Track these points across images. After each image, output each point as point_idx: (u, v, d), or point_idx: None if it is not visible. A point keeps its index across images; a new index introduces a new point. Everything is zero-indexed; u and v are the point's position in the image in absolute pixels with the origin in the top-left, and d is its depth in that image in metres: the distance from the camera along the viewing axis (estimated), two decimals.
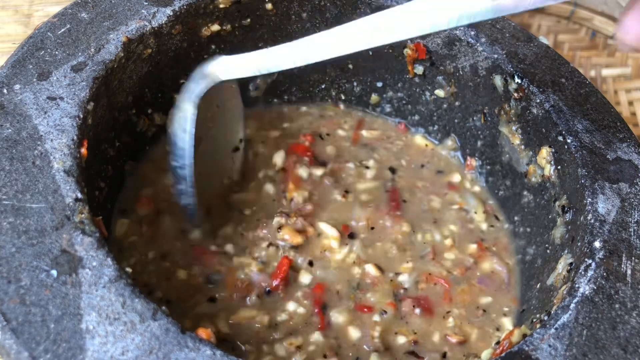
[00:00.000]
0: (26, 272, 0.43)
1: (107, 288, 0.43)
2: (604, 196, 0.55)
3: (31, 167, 0.49)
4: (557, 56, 0.67)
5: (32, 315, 0.42)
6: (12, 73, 0.54)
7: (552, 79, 0.64)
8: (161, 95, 0.66)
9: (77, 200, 0.47)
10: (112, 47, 0.58)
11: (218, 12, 0.66)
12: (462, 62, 0.67)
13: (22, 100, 0.52)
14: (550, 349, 0.46)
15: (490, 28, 0.68)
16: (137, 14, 0.61)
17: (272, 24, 0.69)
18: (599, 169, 0.57)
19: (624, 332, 0.47)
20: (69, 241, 0.45)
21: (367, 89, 0.75)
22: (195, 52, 0.67)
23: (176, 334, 0.42)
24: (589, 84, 0.64)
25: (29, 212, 0.46)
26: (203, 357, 0.42)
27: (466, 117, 0.70)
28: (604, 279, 0.50)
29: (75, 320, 0.42)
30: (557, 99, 0.62)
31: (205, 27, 0.66)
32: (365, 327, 0.57)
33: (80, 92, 0.54)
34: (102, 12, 0.60)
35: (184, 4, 0.63)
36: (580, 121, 0.60)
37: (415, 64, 0.70)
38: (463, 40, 0.66)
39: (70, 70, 0.55)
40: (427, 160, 0.72)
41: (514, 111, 0.65)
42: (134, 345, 0.42)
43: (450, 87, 0.70)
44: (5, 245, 0.44)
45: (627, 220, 0.54)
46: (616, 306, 0.49)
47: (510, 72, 0.64)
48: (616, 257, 0.51)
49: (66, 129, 0.51)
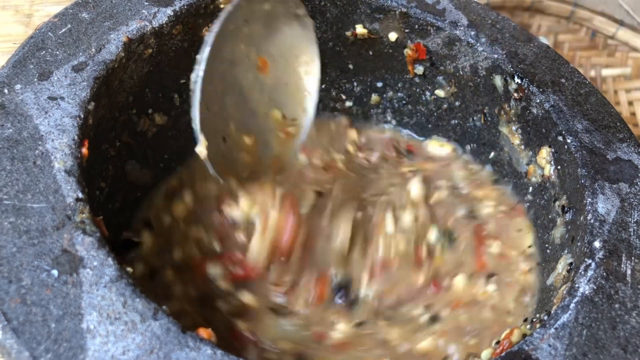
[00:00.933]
0: (27, 271, 0.43)
1: (108, 288, 0.43)
2: (603, 196, 0.55)
3: (32, 167, 0.49)
4: (557, 56, 0.67)
5: (33, 315, 0.42)
6: (12, 73, 0.54)
7: (552, 79, 0.64)
8: (162, 95, 0.66)
9: (78, 200, 0.47)
10: (112, 47, 0.58)
11: (219, 12, 0.66)
12: (462, 62, 0.67)
13: (23, 100, 0.52)
14: (550, 348, 0.46)
15: (490, 28, 0.68)
16: (137, 14, 0.61)
17: None
18: (599, 169, 0.57)
19: (623, 332, 0.47)
20: (69, 241, 0.45)
21: (367, 89, 0.75)
22: (196, 52, 0.66)
23: (177, 334, 0.42)
24: (589, 84, 0.65)
25: (30, 212, 0.46)
26: (204, 356, 0.42)
27: (466, 117, 0.70)
28: (604, 279, 0.50)
29: (76, 319, 0.42)
30: (557, 99, 0.62)
31: (206, 27, 0.66)
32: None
33: (81, 92, 0.54)
34: (102, 12, 0.60)
35: (185, 4, 0.63)
36: (580, 121, 0.61)
37: (415, 64, 0.70)
38: (463, 40, 0.66)
39: (71, 70, 0.55)
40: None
41: (514, 111, 0.65)
42: (134, 344, 0.42)
43: (450, 87, 0.70)
44: (6, 245, 0.44)
45: (627, 220, 0.54)
46: (616, 306, 0.49)
47: (510, 72, 0.64)
48: (616, 257, 0.51)
49: (67, 128, 0.51)
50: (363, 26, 0.69)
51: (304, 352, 0.54)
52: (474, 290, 0.60)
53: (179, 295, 0.58)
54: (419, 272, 0.60)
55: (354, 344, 0.55)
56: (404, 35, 0.69)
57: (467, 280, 0.60)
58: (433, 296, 0.59)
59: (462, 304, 0.58)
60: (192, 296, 0.57)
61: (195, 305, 0.57)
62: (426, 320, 0.57)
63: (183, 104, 0.69)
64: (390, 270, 0.59)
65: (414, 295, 0.59)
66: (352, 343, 0.55)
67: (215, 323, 0.55)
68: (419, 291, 0.59)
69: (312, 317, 0.57)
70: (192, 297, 0.57)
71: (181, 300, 0.57)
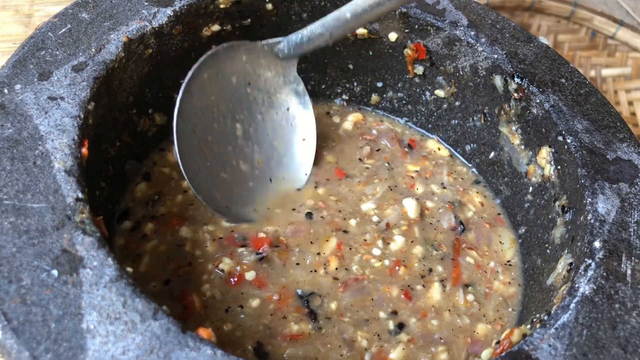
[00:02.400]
0: (27, 271, 0.43)
1: (108, 288, 0.43)
2: (603, 196, 0.55)
3: (32, 167, 0.49)
4: (557, 56, 0.67)
5: (33, 315, 0.42)
6: (12, 73, 0.54)
7: (552, 79, 0.64)
8: (162, 95, 0.66)
9: (77, 200, 0.47)
10: (112, 47, 0.58)
11: (218, 12, 0.66)
12: (462, 62, 0.67)
13: (23, 100, 0.52)
14: (550, 348, 0.46)
15: (490, 28, 0.68)
16: (137, 14, 0.61)
17: (272, 24, 0.69)
18: (599, 169, 0.57)
19: (623, 332, 0.47)
20: (69, 241, 0.45)
21: (368, 89, 0.75)
22: (196, 53, 0.67)
23: (177, 334, 0.42)
24: (588, 84, 0.65)
25: (30, 211, 0.46)
26: (204, 356, 0.42)
27: (466, 117, 0.70)
28: (604, 279, 0.50)
29: (76, 319, 0.42)
30: (557, 99, 0.62)
31: (206, 28, 0.66)
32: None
33: (81, 92, 0.54)
34: (102, 12, 0.60)
35: (185, 4, 0.63)
36: (580, 121, 0.61)
37: (415, 64, 0.70)
38: (463, 40, 0.66)
39: (71, 70, 0.55)
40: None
41: (514, 111, 0.65)
42: (134, 344, 0.42)
43: (450, 87, 0.70)
44: (6, 245, 0.44)
45: (627, 220, 0.54)
46: (616, 306, 0.49)
47: (510, 72, 0.64)
48: (616, 257, 0.51)
49: (67, 128, 0.51)
50: (363, 26, 0.69)
51: (262, 340, 0.54)
52: (450, 299, 0.60)
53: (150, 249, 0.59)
54: (391, 284, 0.60)
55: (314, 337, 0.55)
56: (404, 35, 0.69)
57: (443, 290, 0.60)
58: (404, 305, 0.59)
59: (433, 312, 0.59)
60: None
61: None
62: (393, 328, 0.57)
63: None
64: (361, 283, 0.60)
65: (384, 303, 0.59)
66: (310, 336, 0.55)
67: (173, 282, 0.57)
68: (389, 300, 0.59)
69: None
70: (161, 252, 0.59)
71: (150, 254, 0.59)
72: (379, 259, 0.61)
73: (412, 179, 0.69)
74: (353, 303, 0.58)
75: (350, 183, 0.67)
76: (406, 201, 0.66)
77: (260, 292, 0.57)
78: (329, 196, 0.66)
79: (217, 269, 0.58)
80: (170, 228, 0.60)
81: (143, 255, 0.58)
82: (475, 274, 0.62)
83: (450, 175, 0.70)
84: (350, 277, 0.59)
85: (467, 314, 0.59)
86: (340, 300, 0.58)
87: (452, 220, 0.66)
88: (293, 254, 0.60)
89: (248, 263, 0.59)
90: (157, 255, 0.58)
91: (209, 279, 0.57)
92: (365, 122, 0.74)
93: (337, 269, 0.60)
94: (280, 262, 0.59)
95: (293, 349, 0.54)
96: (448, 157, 0.72)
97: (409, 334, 0.57)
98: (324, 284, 0.59)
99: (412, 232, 0.64)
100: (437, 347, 0.57)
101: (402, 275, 0.61)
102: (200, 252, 0.59)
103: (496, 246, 0.65)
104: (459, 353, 0.57)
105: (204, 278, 0.57)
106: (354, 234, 0.63)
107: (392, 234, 0.63)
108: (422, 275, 0.61)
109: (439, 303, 0.59)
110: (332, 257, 0.60)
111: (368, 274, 0.60)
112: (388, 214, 0.65)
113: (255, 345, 0.54)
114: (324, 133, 0.72)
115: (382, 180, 0.68)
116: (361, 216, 0.64)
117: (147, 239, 0.59)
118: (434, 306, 0.59)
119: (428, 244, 0.63)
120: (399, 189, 0.68)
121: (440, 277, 0.61)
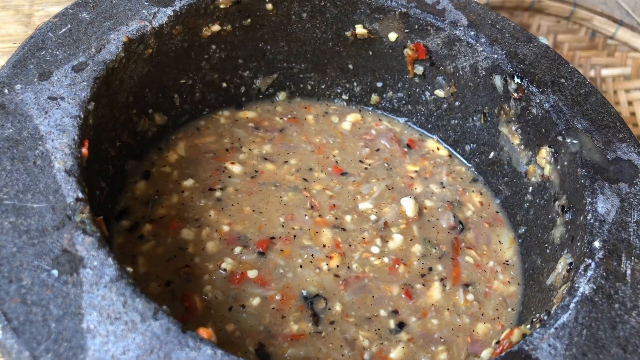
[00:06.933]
0: (27, 271, 0.43)
1: (108, 288, 0.43)
2: (603, 196, 0.55)
3: (32, 167, 0.49)
4: (557, 56, 0.67)
5: (33, 315, 0.42)
6: (13, 73, 0.54)
7: (552, 79, 0.64)
8: (162, 95, 0.66)
9: (78, 200, 0.47)
10: (112, 47, 0.58)
11: (218, 12, 0.66)
12: (462, 62, 0.67)
13: (23, 100, 0.52)
14: (550, 348, 0.46)
15: (490, 28, 0.68)
16: (137, 14, 0.61)
17: (272, 24, 0.69)
18: (599, 169, 0.57)
19: (623, 331, 0.47)
20: (70, 241, 0.45)
21: (367, 89, 0.75)
22: (196, 52, 0.67)
23: (177, 334, 0.42)
24: (588, 84, 0.65)
25: (30, 211, 0.46)
26: (204, 356, 0.42)
27: (466, 117, 0.70)
28: (604, 279, 0.50)
29: (76, 319, 0.42)
30: (557, 99, 0.62)
31: (206, 28, 0.66)
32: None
33: (81, 92, 0.54)
34: (102, 12, 0.60)
35: (185, 4, 0.63)
36: (580, 121, 0.61)
37: (415, 64, 0.70)
38: (463, 40, 0.66)
39: (71, 70, 0.55)
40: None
41: (514, 111, 0.65)
42: (135, 344, 0.42)
43: (450, 87, 0.70)
44: (6, 245, 0.44)
45: (627, 220, 0.54)
46: (616, 306, 0.49)
47: (510, 72, 0.64)
48: (616, 257, 0.51)
49: (67, 128, 0.51)
50: (363, 26, 0.69)
51: (264, 341, 0.54)
52: (450, 298, 0.60)
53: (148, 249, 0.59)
54: (392, 282, 0.60)
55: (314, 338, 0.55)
56: (404, 35, 0.69)
57: (443, 289, 0.60)
58: (404, 303, 0.59)
59: (433, 311, 0.59)
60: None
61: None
62: (394, 327, 0.57)
63: (183, 104, 0.69)
64: (362, 281, 0.60)
65: (385, 301, 0.59)
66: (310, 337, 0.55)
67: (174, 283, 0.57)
68: (390, 299, 0.59)
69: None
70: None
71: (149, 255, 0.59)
72: (378, 257, 0.61)
73: (411, 179, 0.69)
74: (354, 301, 0.58)
75: (346, 181, 0.67)
76: (404, 200, 0.66)
77: (263, 291, 0.57)
78: (324, 190, 0.66)
79: (219, 269, 0.58)
80: (171, 230, 0.60)
81: (138, 257, 0.58)
82: (474, 274, 0.62)
83: (450, 175, 0.71)
84: (351, 275, 0.60)
85: (467, 313, 0.59)
86: (343, 300, 0.58)
87: (451, 220, 0.66)
88: (294, 252, 0.60)
89: (250, 261, 0.59)
90: (154, 257, 0.58)
91: (210, 279, 0.57)
92: (364, 122, 0.74)
93: (338, 266, 0.60)
94: (282, 260, 0.60)
95: (294, 349, 0.54)
96: (447, 156, 0.72)
97: (409, 333, 0.57)
98: (326, 281, 0.59)
99: (411, 231, 0.64)
100: (437, 347, 0.57)
101: (402, 273, 0.61)
102: (201, 253, 0.59)
103: (495, 246, 0.65)
104: (458, 353, 0.57)
105: (205, 279, 0.57)
106: (351, 231, 0.63)
107: (390, 233, 0.63)
108: (422, 274, 0.61)
109: (439, 302, 0.60)
110: (334, 254, 0.61)
111: (368, 272, 0.60)
112: (386, 212, 0.65)
113: (257, 347, 0.54)
114: (323, 133, 0.72)
115: (380, 180, 0.68)
116: (358, 214, 0.64)
117: (144, 240, 0.59)
118: (434, 305, 0.59)
119: (427, 243, 0.64)
120: (397, 189, 0.68)
121: (440, 276, 0.61)
